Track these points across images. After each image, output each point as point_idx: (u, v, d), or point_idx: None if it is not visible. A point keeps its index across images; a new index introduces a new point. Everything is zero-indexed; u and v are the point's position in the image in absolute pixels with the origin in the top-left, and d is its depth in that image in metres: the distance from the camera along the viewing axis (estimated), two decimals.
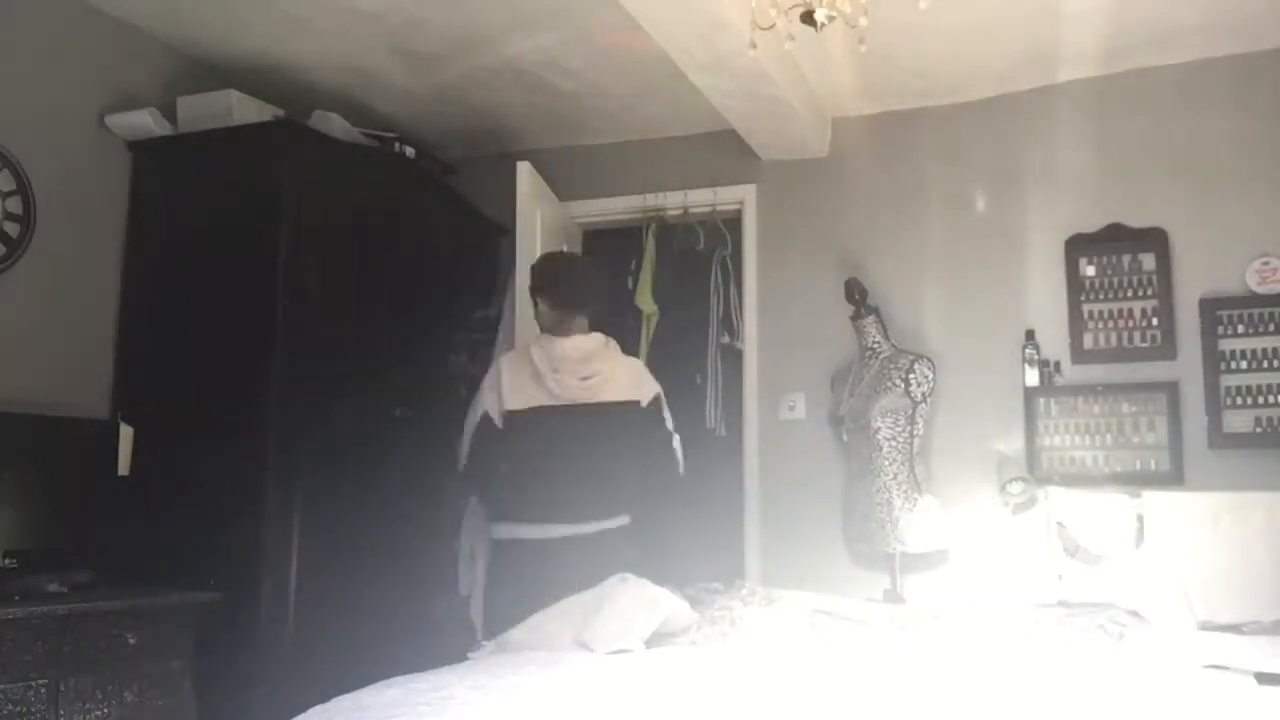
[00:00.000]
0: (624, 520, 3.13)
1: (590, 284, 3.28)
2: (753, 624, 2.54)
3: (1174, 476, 3.65)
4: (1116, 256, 3.85)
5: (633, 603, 2.46)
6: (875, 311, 3.90)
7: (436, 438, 3.69)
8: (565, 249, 4.12)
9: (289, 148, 3.53)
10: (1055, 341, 3.89)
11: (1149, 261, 3.81)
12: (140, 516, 3.31)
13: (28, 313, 3.31)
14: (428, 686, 1.84)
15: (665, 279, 4.40)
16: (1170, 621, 2.85)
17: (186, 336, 3.50)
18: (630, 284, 4.40)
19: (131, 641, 2.91)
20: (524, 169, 4.03)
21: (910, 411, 3.72)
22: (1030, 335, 3.91)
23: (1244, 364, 3.63)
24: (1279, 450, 3.56)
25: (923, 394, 3.72)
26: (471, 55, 3.85)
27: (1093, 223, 3.88)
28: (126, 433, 3.37)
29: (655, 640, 2.41)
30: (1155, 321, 3.77)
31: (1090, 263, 3.88)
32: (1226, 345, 3.66)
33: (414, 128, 4.40)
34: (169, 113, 3.63)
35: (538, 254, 3.72)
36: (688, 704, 1.76)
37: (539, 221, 4.08)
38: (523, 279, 3.57)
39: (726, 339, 4.36)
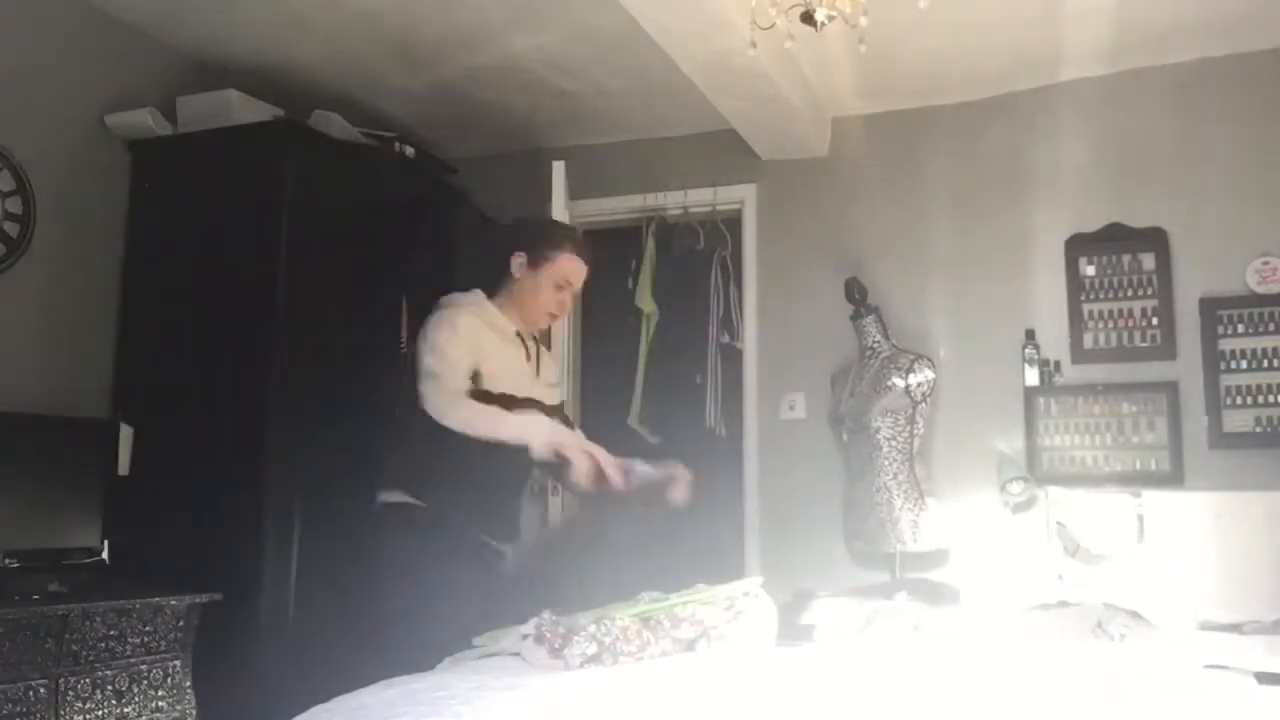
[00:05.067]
0: None
1: None
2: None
3: (1174, 476, 3.65)
4: (1116, 256, 3.85)
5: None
6: (875, 311, 3.89)
7: None
8: None
9: (289, 148, 3.54)
10: (1055, 341, 3.89)
11: (1149, 261, 3.81)
12: (140, 516, 3.31)
13: (28, 313, 3.31)
14: (428, 686, 1.84)
15: (665, 279, 4.40)
16: (1170, 621, 2.85)
17: (186, 336, 3.50)
18: (630, 284, 4.40)
19: (131, 641, 2.92)
20: (559, 168, 3.96)
21: (910, 411, 3.72)
22: (1030, 335, 3.91)
23: (1244, 364, 3.64)
24: (1279, 450, 3.56)
25: (922, 394, 3.72)
26: (471, 54, 3.85)
27: (1093, 222, 3.88)
28: (126, 433, 3.37)
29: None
30: (1155, 321, 3.77)
31: (1090, 262, 3.88)
32: (1226, 345, 3.66)
33: (414, 127, 4.40)
34: (169, 113, 3.63)
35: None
36: (690, 704, 1.76)
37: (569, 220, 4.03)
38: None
39: (726, 339, 4.35)
